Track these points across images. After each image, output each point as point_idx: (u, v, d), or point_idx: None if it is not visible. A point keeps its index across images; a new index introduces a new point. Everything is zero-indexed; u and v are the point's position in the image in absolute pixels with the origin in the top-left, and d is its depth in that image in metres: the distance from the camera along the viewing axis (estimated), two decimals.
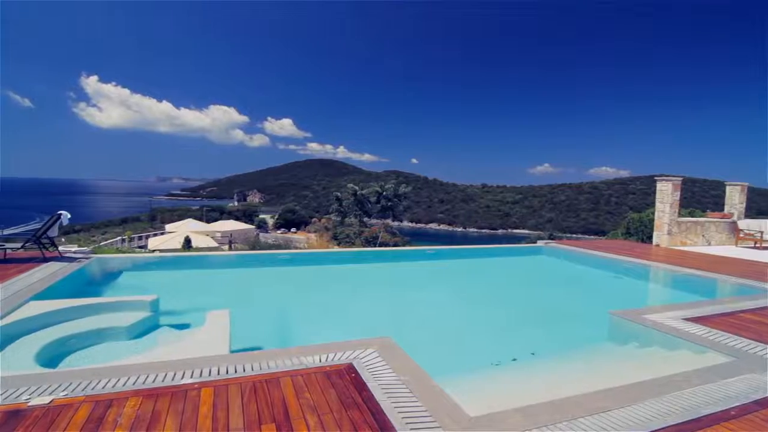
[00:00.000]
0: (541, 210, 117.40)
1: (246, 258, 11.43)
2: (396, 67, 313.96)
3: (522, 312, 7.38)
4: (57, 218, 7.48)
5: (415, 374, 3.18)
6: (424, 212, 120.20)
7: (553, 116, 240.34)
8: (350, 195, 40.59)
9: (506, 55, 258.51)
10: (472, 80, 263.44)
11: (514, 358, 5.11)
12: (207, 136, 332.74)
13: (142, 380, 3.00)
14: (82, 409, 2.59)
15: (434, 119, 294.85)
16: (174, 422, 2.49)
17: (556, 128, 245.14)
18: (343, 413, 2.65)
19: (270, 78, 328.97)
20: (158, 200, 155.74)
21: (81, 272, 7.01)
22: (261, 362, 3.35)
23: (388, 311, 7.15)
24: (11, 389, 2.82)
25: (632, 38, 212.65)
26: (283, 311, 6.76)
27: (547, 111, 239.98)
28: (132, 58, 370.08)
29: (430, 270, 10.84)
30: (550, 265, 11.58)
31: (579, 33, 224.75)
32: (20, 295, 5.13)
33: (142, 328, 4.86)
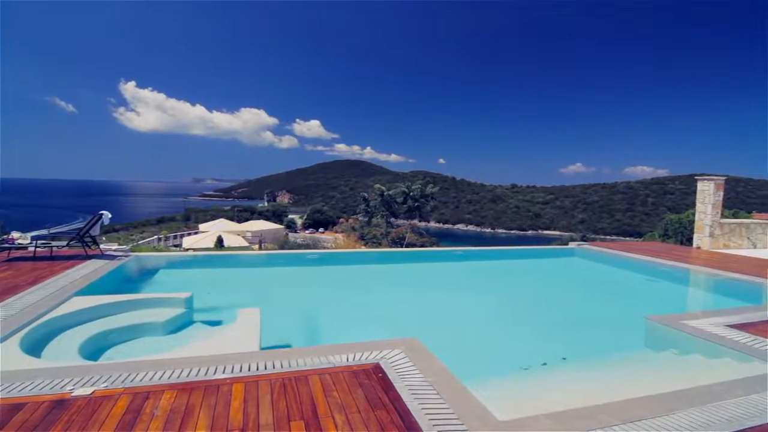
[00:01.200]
0: (573, 211, 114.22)
1: (275, 257, 11.66)
2: (424, 67, 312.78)
3: (553, 315, 7.20)
4: (98, 218, 7.85)
5: (442, 376, 3.16)
6: (452, 213, 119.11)
7: (585, 115, 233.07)
8: (377, 195, 40.68)
9: (538, 55, 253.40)
10: (501, 80, 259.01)
11: (544, 363, 4.99)
12: (238, 138, 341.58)
13: (177, 374, 3.11)
14: (121, 401, 2.71)
15: (462, 119, 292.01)
16: (207, 416, 2.57)
17: (588, 127, 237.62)
18: (370, 413, 2.66)
19: (298, 80, 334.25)
20: (192, 201, 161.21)
21: (120, 269, 7.33)
22: (290, 360, 3.41)
23: (415, 312, 7.13)
24: (56, 380, 2.98)
25: (671, 35, 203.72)
26: (310, 310, 6.86)
27: (578, 110, 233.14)
28: (167, 63, 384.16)
29: (458, 271, 10.74)
30: (582, 267, 11.25)
31: (616, 32, 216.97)
32: (65, 290, 5.41)
33: (177, 324, 5.04)
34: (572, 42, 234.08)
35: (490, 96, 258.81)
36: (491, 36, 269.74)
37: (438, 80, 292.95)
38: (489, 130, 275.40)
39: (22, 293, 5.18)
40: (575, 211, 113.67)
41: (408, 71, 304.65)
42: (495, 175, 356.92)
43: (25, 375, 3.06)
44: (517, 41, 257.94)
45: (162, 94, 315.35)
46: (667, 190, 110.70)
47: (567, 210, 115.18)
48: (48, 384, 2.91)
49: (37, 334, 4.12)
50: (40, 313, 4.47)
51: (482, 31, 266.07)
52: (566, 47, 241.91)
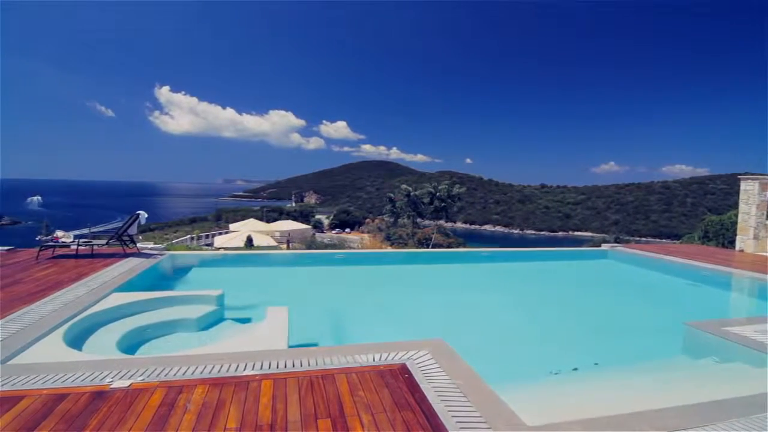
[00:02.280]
0: (606, 211, 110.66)
1: (303, 257, 11.84)
2: (451, 66, 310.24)
3: (584, 319, 7.00)
4: (136, 218, 8.18)
5: (469, 379, 3.13)
6: (479, 213, 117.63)
7: (618, 113, 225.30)
8: (403, 196, 40.66)
9: (569, 53, 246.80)
10: (530, 79, 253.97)
11: (575, 368, 4.86)
12: (267, 140, 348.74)
13: (208, 370, 3.20)
14: (157, 394, 2.82)
15: (490, 119, 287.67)
16: (237, 411, 2.64)
17: (622, 125, 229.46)
18: (396, 413, 2.66)
19: (325, 82, 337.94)
20: (223, 201, 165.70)
21: (156, 267, 7.61)
22: (317, 358, 3.45)
23: (441, 313, 7.08)
24: (96, 372, 3.12)
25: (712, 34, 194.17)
26: (337, 309, 6.92)
27: (611, 108, 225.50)
28: (199, 68, 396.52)
29: (485, 272, 10.59)
30: (616, 270, 10.89)
31: (652, 31, 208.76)
32: (105, 287, 5.67)
33: (209, 321, 5.20)
34: (605, 40, 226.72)
35: (518, 95, 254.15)
36: (520, 34, 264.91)
37: (464, 79, 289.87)
38: (517, 129, 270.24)
39: (66, 289, 5.46)
40: (608, 212, 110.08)
41: (434, 70, 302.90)
42: (523, 175, 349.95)
43: (68, 367, 3.22)
44: (548, 39, 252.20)
45: (194, 97, 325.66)
46: (708, 190, 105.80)
47: (599, 211, 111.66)
48: (89, 376, 3.06)
49: (79, 328, 4.33)
50: (82, 308, 4.69)
51: (511, 29, 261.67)
52: (598, 45, 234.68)
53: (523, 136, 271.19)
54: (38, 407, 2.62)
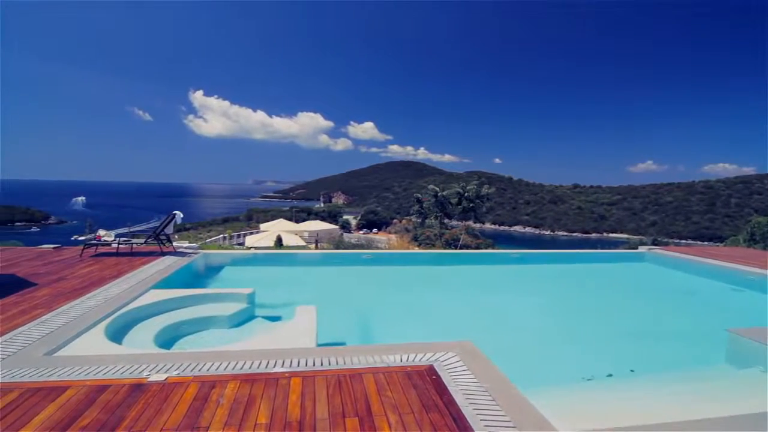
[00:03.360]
0: (643, 212, 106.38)
1: (331, 257, 11.95)
2: (480, 66, 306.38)
3: (620, 324, 6.76)
4: (172, 218, 8.48)
5: (498, 382, 3.07)
6: (508, 214, 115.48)
7: (656, 110, 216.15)
8: (431, 196, 40.41)
9: (607, 54, 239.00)
10: (564, 79, 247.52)
11: (610, 374, 4.70)
12: (296, 142, 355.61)
13: (240, 366, 3.28)
14: (191, 388, 2.91)
15: (520, 118, 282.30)
16: (267, 407, 2.69)
17: (661, 122, 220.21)
18: (423, 415, 2.65)
19: (353, 83, 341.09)
20: (254, 202, 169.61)
21: (190, 266, 7.87)
22: (345, 357, 3.48)
23: (469, 315, 6.99)
24: (135, 365, 3.25)
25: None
26: (364, 309, 6.95)
27: (651, 107, 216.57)
28: (231, 72, 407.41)
29: (515, 275, 10.39)
30: (653, 273, 10.46)
31: (694, 32, 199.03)
32: (143, 284, 5.90)
33: (240, 318, 5.33)
34: (642, 40, 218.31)
35: (550, 95, 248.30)
36: (554, 36, 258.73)
37: (495, 79, 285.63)
38: (548, 129, 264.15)
39: (107, 285, 5.72)
40: (645, 213, 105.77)
41: (463, 70, 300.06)
42: (555, 175, 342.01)
43: (109, 360, 3.37)
44: (584, 40, 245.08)
45: (227, 101, 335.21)
46: (755, 189, 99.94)
47: (636, 212, 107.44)
48: (128, 369, 3.19)
49: (119, 323, 4.53)
50: (122, 304, 4.91)
51: (543, 31, 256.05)
52: (635, 45, 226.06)
53: (555, 136, 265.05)
54: (81, 397, 2.76)
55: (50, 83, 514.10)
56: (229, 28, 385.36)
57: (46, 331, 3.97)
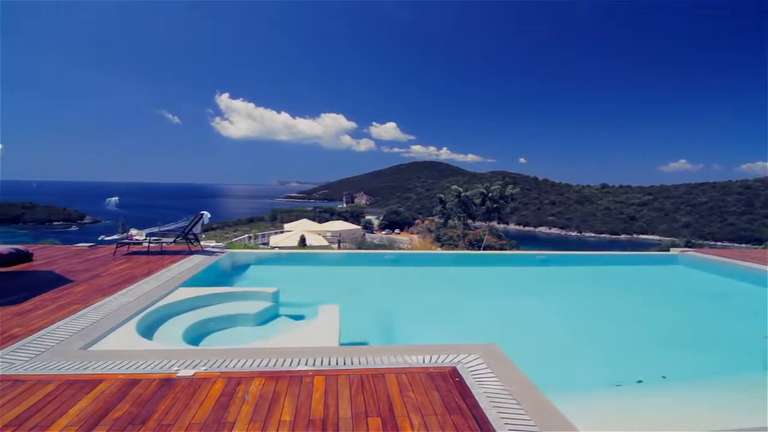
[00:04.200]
0: (675, 213, 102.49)
1: (353, 257, 12.01)
2: (504, 65, 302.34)
3: (651, 329, 6.54)
4: (200, 217, 8.70)
5: (523, 386, 3.02)
6: (533, 215, 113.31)
7: (690, 107, 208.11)
8: (454, 197, 40.07)
9: (631, 50, 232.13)
10: (592, 76, 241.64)
11: (640, 380, 4.55)
12: (319, 143, 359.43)
13: (265, 363, 3.33)
14: (218, 384, 2.97)
15: (546, 117, 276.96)
16: (291, 404, 2.72)
17: (695, 119, 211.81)
18: (446, 417, 2.62)
19: (376, 83, 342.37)
20: (278, 202, 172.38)
21: (217, 264, 8.06)
22: (368, 357, 3.49)
23: (492, 317, 6.90)
24: (165, 361, 3.35)
25: None
26: (386, 309, 6.95)
27: (682, 101, 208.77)
28: (256, 75, 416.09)
29: (540, 276, 10.19)
30: (686, 276, 10.07)
31: (733, 30, 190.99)
32: (173, 281, 6.08)
33: (265, 317, 5.42)
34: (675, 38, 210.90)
35: (577, 93, 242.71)
36: (583, 34, 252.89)
37: (520, 78, 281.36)
38: (575, 128, 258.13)
39: (139, 283, 5.92)
40: (678, 214, 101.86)
41: (486, 69, 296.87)
42: (582, 175, 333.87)
43: (140, 355, 3.49)
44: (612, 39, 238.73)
45: (252, 103, 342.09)
46: None
47: (668, 212, 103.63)
48: (158, 364, 3.29)
49: (149, 319, 4.68)
50: (152, 301, 5.07)
51: (572, 29, 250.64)
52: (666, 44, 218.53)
53: (582, 136, 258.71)
54: (114, 390, 2.86)
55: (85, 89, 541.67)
56: (253, 31, 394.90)
57: (82, 325, 4.14)
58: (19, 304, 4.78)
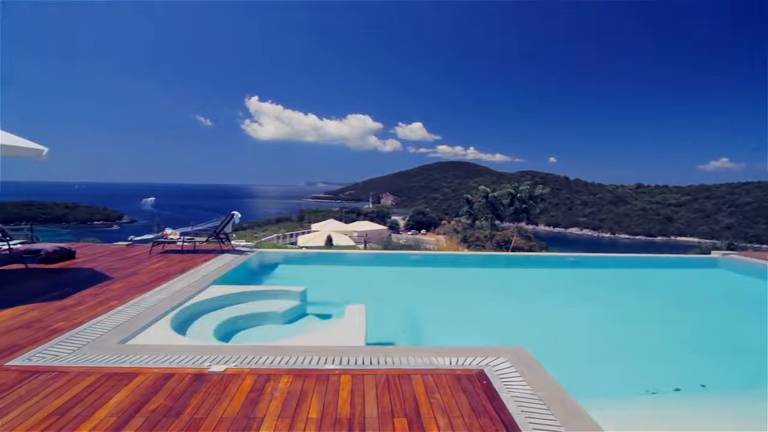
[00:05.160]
0: (716, 214, 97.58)
1: (379, 257, 12.04)
2: (533, 63, 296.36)
3: (689, 335, 6.25)
4: (231, 217, 8.93)
5: (552, 390, 2.95)
6: (564, 215, 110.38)
7: (732, 102, 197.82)
8: (481, 197, 39.56)
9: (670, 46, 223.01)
10: (626, 73, 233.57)
11: (678, 388, 4.36)
12: (346, 144, 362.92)
13: (293, 361, 3.38)
14: (248, 380, 3.04)
15: (578, 117, 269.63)
16: (318, 402, 2.76)
17: (737, 115, 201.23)
18: (473, 420, 2.59)
19: (402, 83, 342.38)
20: (305, 202, 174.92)
21: (247, 263, 8.24)
22: (394, 357, 3.49)
23: (521, 320, 6.77)
24: (197, 356, 3.46)
25: None
26: (412, 310, 6.93)
27: (723, 97, 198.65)
28: (284, 77, 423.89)
29: (571, 279, 9.92)
30: (728, 281, 9.57)
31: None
32: (205, 279, 6.26)
33: (293, 315, 5.51)
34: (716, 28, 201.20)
35: (609, 90, 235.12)
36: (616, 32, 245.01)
37: (550, 77, 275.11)
38: (608, 128, 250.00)
39: (173, 280, 6.13)
40: (719, 215, 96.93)
41: (514, 68, 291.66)
42: (615, 175, 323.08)
43: (174, 350, 3.61)
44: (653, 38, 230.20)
45: (280, 105, 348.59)
46: None
47: (708, 213, 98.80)
48: (191, 359, 3.40)
49: (183, 316, 4.84)
50: (186, 298, 5.23)
51: (604, 28, 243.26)
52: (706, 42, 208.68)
53: (616, 135, 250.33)
54: (150, 384, 2.97)
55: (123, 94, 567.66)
56: (282, 34, 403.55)
57: (120, 321, 4.32)
58: (63, 300, 5.04)
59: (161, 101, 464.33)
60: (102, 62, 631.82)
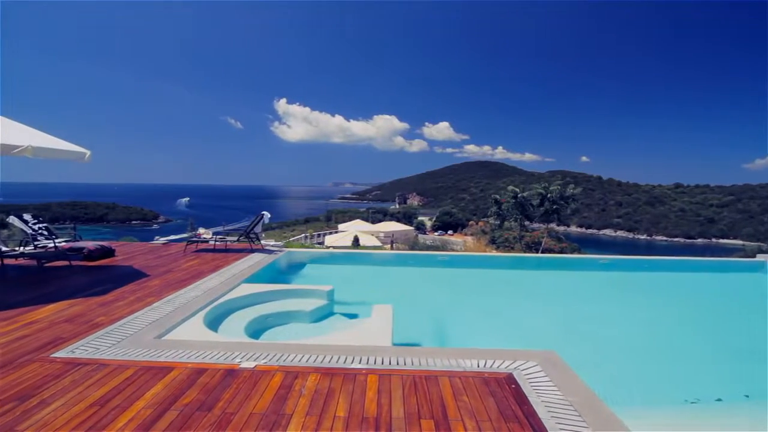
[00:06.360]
0: (762, 215, 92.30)
1: (406, 257, 12.01)
2: (564, 60, 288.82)
3: (732, 343, 5.94)
4: (261, 218, 9.13)
5: (585, 397, 2.86)
6: (597, 216, 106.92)
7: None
8: (510, 197, 38.84)
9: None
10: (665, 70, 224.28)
11: (719, 399, 4.15)
12: (372, 144, 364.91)
13: (320, 359, 3.42)
14: (277, 377, 3.10)
15: (613, 116, 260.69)
16: (345, 401, 2.78)
17: None
18: (502, 424, 2.55)
19: (428, 83, 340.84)
20: (332, 203, 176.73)
21: (276, 262, 8.40)
22: (420, 358, 3.47)
23: (551, 323, 6.59)
24: (228, 352, 3.55)
25: None
26: (439, 311, 6.88)
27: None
28: (311, 79, 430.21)
29: (603, 282, 9.60)
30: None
31: None
32: (236, 278, 6.42)
33: (320, 314, 5.58)
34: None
35: (647, 88, 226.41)
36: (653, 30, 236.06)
37: (582, 75, 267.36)
38: (645, 127, 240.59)
39: (206, 278, 6.32)
40: (766, 216, 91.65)
41: (544, 66, 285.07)
42: (652, 174, 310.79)
43: (206, 345, 3.72)
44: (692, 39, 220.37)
45: (307, 107, 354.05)
46: None
47: (754, 214, 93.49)
48: (222, 355, 3.49)
49: (215, 313, 4.98)
50: (218, 296, 5.38)
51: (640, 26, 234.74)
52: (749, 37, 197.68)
53: (653, 136, 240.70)
54: (184, 378, 3.07)
55: (159, 98, 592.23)
56: (308, 37, 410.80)
57: (156, 316, 4.49)
58: (103, 296, 5.28)
59: (194, 105, 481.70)
60: (139, 66, 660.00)
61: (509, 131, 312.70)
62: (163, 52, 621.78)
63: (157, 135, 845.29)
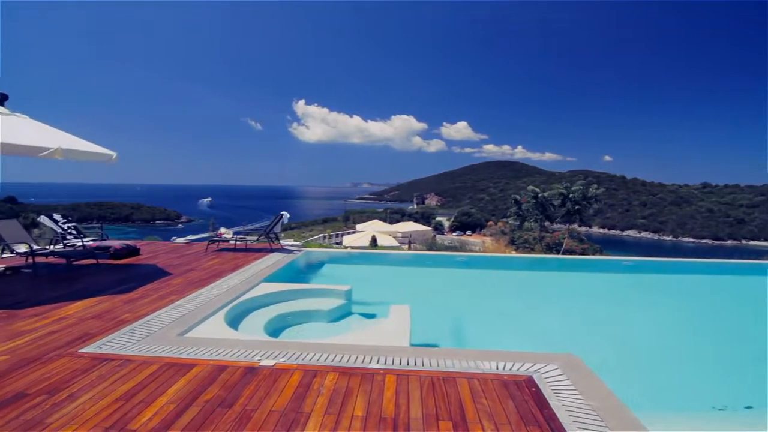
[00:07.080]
0: None
1: (424, 258, 11.97)
2: (588, 57, 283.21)
3: (762, 348, 5.71)
4: (280, 218, 9.24)
5: (607, 401, 2.80)
6: (620, 217, 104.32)
7: None
8: (530, 198, 38.27)
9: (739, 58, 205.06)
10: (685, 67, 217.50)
11: (749, 406, 4.00)
12: (390, 145, 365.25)
13: (339, 359, 3.44)
14: (296, 375, 3.13)
15: (635, 111, 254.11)
16: (363, 400, 2.79)
17: None
18: (521, 427, 2.51)
19: (446, 82, 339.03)
20: (351, 203, 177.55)
21: (294, 262, 8.48)
22: (438, 359, 3.46)
23: (572, 326, 6.47)
24: (248, 350, 3.60)
25: None
26: (458, 312, 6.83)
27: None
28: (329, 80, 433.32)
29: (627, 284, 9.37)
30: None
31: None
32: (256, 277, 6.51)
33: (339, 314, 5.61)
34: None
35: (670, 85, 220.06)
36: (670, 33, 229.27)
37: (604, 74, 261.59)
38: (671, 128, 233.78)
39: (226, 277, 6.43)
40: None
41: (564, 65, 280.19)
42: (679, 174, 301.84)
43: (227, 343, 3.78)
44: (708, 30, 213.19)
45: (325, 108, 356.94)
46: None
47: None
48: (243, 353, 3.55)
49: (236, 311, 5.06)
50: (238, 294, 5.47)
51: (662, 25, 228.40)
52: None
53: (679, 137, 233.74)
54: (205, 375, 3.13)
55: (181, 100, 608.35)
56: (326, 38, 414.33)
57: (179, 314, 4.59)
58: (129, 293, 5.43)
59: (215, 107, 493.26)
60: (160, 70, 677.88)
61: (529, 131, 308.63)
62: (186, 54, 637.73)
63: (180, 136, 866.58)
